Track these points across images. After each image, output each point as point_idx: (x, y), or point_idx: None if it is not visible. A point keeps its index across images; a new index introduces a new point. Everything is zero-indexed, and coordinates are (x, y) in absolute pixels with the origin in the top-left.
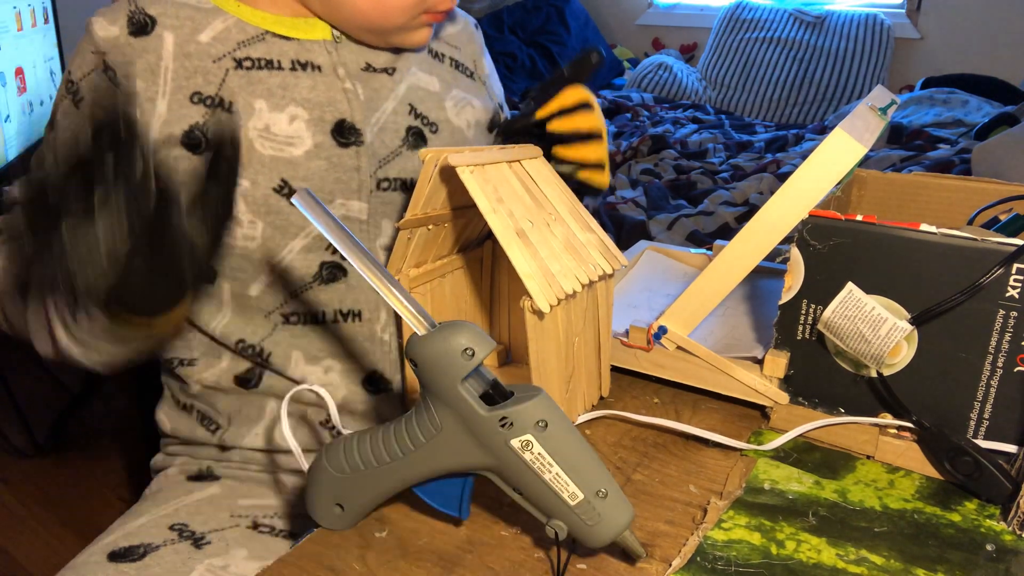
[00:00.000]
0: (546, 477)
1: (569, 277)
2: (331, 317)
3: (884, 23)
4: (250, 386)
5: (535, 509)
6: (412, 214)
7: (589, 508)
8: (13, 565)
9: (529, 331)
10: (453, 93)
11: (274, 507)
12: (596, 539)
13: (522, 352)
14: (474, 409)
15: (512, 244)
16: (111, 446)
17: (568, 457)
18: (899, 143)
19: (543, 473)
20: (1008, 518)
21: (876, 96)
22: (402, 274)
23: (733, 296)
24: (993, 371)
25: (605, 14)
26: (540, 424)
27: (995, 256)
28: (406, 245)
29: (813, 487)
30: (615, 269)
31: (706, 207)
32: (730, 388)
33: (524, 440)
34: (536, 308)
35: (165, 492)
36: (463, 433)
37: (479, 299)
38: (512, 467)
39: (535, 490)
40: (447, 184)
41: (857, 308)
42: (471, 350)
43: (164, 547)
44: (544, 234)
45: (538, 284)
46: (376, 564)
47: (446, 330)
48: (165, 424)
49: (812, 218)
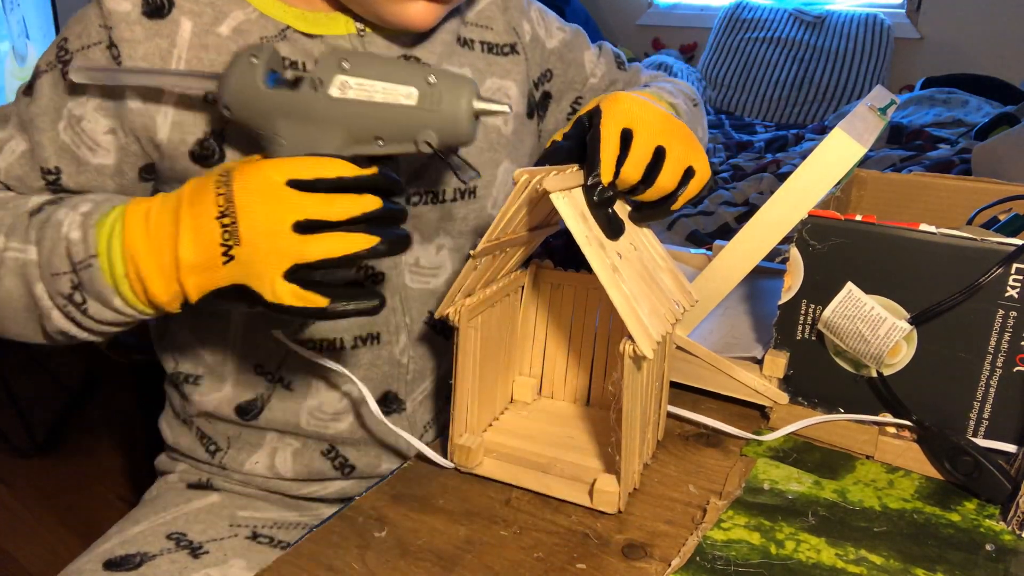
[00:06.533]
0: (378, 98)
1: (659, 319)
2: (350, 343)
3: (884, 23)
4: (248, 417)
5: (399, 141)
6: (490, 239)
7: (429, 93)
8: (13, 565)
9: (625, 379)
10: (487, 84)
11: (274, 519)
12: (455, 120)
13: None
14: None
15: (611, 283)
16: (111, 446)
17: (382, 71)
18: (899, 143)
19: (374, 96)
20: (1008, 518)
21: (876, 96)
22: (458, 305)
23: (733, 296)
24: (993, 371)
25: (605, 14)
26: (344, 62)
27: (995, 256)
28: (470, 274)
29: (813, 487)
30: (690, 307)
31: (706, 207)
32: (730, 388)
33: (339, 83)
34: (640, 353)
35: (164, 499)
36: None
37: (517, 327)
38: (352, 115)
39: (382, 118)
40: (527, 206)
41: (856, 308)
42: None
43: (160, 556)
44: (630, 269)
45: (641, 328)
46: (376, 564)
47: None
48: (167, 434)
49: (812, 218)
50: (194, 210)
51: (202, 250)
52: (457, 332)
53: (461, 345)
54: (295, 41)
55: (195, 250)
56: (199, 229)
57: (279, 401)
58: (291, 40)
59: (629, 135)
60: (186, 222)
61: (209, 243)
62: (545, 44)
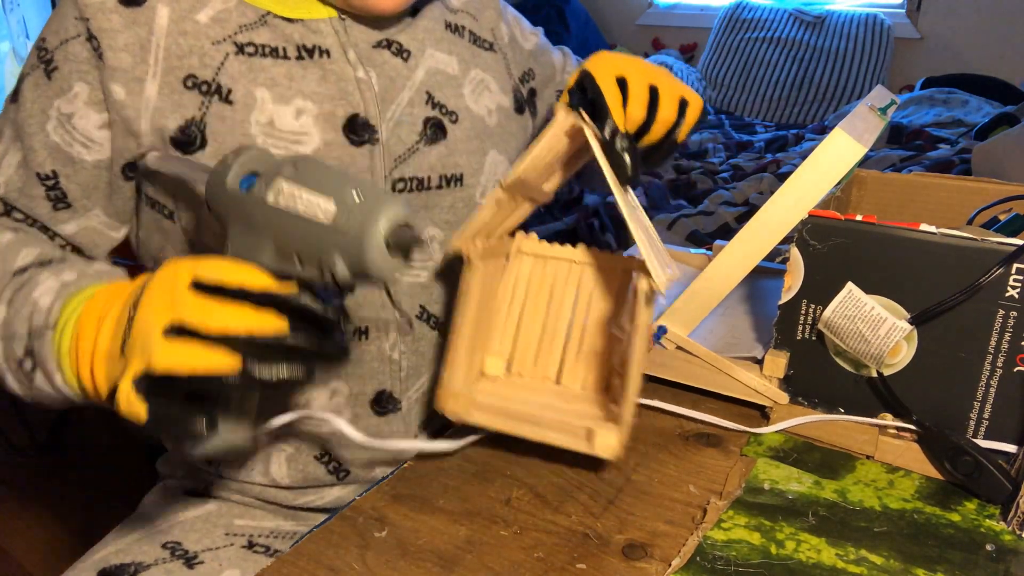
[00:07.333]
0: (300, 210)
1: (664, 270)
2: None
3: (884, 23)
4: None
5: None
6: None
7: (346, 210)
8: (13, 565)
9: (638, 316)
10: (471, 75)
11: (271, 528)
12: (365, 245)
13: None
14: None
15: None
16: (111, 446)
17: (316, 180)
18: (899, 143)
19: (296, 206)
20: (1008, 518)
21: (876, 96)
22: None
23: (733, 296)
24: (993, 371)
25: (605, 14)
26: (292, 166)
27: (995, 256)
28: (492, 207)
29: (813, 487)
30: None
31: (706, 207)
32: (730, 388)
33: (276, 188)
34: (656, 288)
35: (161, 506)
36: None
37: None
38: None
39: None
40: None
41: (857, 308)
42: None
43: (155, 566)
44: (641, 222)
45: (656, 264)
46: (376, 564)
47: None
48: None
49: (812, 218)
50: (125, 298)
51: (113, 339)
52: (466, 269)
53: (467, 284)
54: (275, 27)
55: (109, 338)
56: (118, 318)
57: None
58: (272, 26)
59: (624, 81)
60: (115, 309)
61: (116, 333)
62: (523, 46)
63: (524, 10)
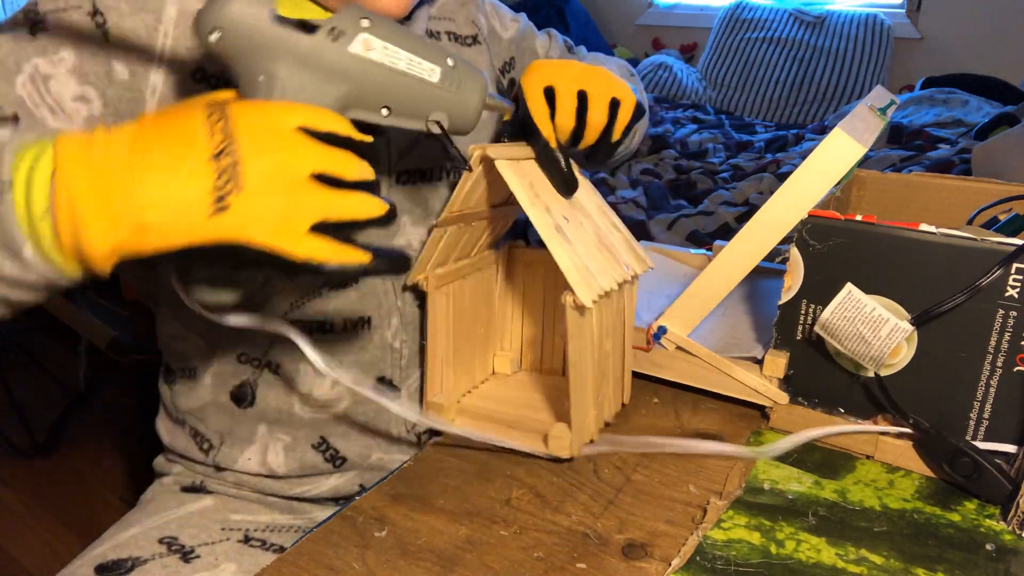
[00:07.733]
0: (401, 67)
1: (606, 275)
2: (340, 326)
3: (884, 23)
4: (243, 405)
5: (408, 116)
6: (451, 211)
7: (449, 76)
8: (13, 565)
9: (569, 328)
10: None
11: (267, 522)
12: (468, 106)
13: (535, 359)
14: (301, 38)
15: (553, 239)
16: (111, 446)
17: (406, 41)
18: (899, 143)
19: (397, 64)
20: (1008, 518)
21: (876, 96)
22: (428, 273)
23: (733, 296)
24: (992, 371)
25: (605, 14)
26: (364, 20)
27: (995, 256)
28: (436, 243)
29: (813, 487)
30: (642, 271)
31: (706, 207)
32: (730, 388)
33: (362, 40)
34: (579, 303)
35: (158, 502)
36: (306, 74)
37: (494, 303)
38: (368, 76)
39: (400, 88)
40: (486, 179)
41: (856, 309)
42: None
43: (152, 561)
44: (579, 232)
45: (581, 278)
46: (376, 564)
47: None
48: (164, 435)
49: (812, 218)
50: (171, 141)
51: (182, 192)
52: (429, 298)
53: (430, 310)
54: None
55: (171, 191)
56: (179, 168)
57: (268, 387)
58: None
59: (551, 91)
60: (158, 156)
61: (195, 185)
62: (502, 36)
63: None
